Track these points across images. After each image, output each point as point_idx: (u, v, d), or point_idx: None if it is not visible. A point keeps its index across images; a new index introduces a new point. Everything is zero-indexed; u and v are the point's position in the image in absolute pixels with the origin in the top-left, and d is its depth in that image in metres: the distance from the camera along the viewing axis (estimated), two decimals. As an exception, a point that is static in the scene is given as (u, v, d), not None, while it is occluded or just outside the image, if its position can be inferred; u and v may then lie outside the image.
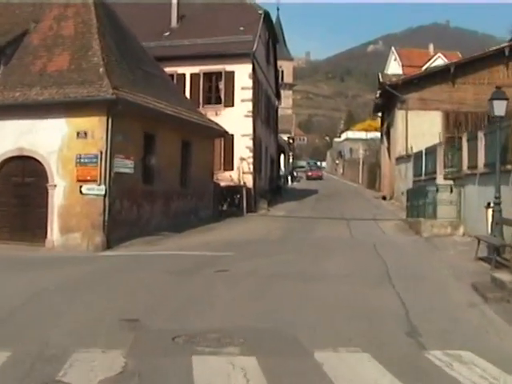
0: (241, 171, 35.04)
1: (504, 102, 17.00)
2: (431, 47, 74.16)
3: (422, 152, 30.57)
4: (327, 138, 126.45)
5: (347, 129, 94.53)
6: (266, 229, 26.45)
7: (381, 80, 44.99)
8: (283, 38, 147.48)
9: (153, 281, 13.31)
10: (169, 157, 26.26)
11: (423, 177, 29.87)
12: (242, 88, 35.73)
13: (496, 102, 16.99)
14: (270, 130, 44.11)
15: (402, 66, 72.70)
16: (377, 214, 31.58)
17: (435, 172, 26.71)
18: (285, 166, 62.54)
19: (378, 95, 46.91)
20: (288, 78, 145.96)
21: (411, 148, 34.90)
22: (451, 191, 22.78)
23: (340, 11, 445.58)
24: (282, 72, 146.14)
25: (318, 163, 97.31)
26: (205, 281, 13.26)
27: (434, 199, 23.18)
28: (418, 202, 24.60)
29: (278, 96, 49.43)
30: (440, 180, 25.61)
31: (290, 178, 65.27)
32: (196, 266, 15.73)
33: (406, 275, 13.93)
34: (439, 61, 64.86)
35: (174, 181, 27.27)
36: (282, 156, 60.15)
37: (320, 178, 74.57)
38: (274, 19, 45.51)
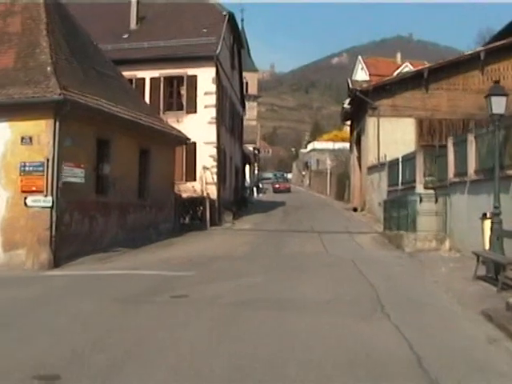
0: (204, 181, 32.57)
1: (503, 99, 14.80)
2: (399, 56, 72.63)
3: (398, 160, 28.42)
4: (293, 150, 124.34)
5: (313, 139, 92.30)
6: (232, 244, 24.02)
7: (350, 86, 42.94)
8: (248, 49, 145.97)
9: (94, 312, 10.74)
10: (125, 165, 23.86)
11: (400, 186, 27.70)
12: (206, 93, 33.33)
13: (494, 99, 14.78)
14: (234, 138, 41.72)
15: (369, 75, 70.89)
16: (350, 227, 29.30)
17: (414, 181, 24.54)
18: (250, 177, 60.14)
19: (347, 103, 44.88)
20: (253, 90, 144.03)
21: (385, 156, 32.78)
22: (436, 201, 20.57)
23: (304, 23, 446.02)
24: (247, 83, 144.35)
25: (286, 175, 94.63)
26: (157, 312, 10.74)
27: (415, 210, 20.92)
28: (398, 213, 22.34)
29: (243, 104, 47.06)
30: (420, 189, 23.46)
31: (255, 189, 63.01)
32: (150, 289, 13.29)
33: (399, 301, 11.58)
34: (407, 70, 63.14)
35: (131, 191, 24.87)
36: (248, 167, 57.79)
37: (288, 190, 70.81)
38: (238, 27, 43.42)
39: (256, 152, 73.99)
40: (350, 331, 9.17)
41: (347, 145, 57.78)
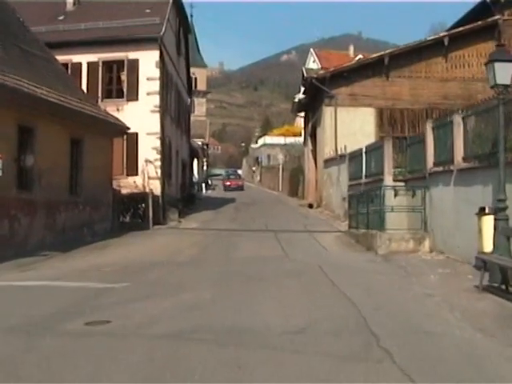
0: (146, 176, 29.11)
1: (510, 65, 11.86)
2: (351, 49, 70.00)
3: (361, 151, 25.43)
4: (243, 145, 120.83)
5: (264, 134, 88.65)
6: (176, 246, 20.66)
7: (305, 75, 39.89)
8: (197, 45, 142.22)
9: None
10: (53, 157, 20.59)
11: (364, 179, 24.71)
12: (148, 79, 29.81)
13: (499, 65, 11.87)
14: (181, 130, 38.24)
15: (321, 68, 67.98)
16: (308, 225, 26.19)
17: (382, 173, 21.58)
18: (199, 173, 56.68)
19: (301, 93, 41.86)
20: (201, 86, 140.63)
21: (344, 147, 29.80)
22: (413, 195, 17.55)
23: (253, 21, 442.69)
24: (196, 79, 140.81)
25: (238, 171, 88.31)
26: (60, 352, 7.38)
27: (389, 206, 17.85)
28: (367, 209, 19.22)
29: (191, 94, 43.48)
30: (388, 182, 20.53)
31: (204, 185, 59.55)
32: (65, 310, 10.00)
33: (396, 328, 8.37)
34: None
35: (61, 187, 21.57)
36: (196, 162, 54.32)
37: (241, 188, 62.84)
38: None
39: (205, 147, 70.48)
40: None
41: (300, 139, 54.80)
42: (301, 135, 57.28)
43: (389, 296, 10.96)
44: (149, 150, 29.51)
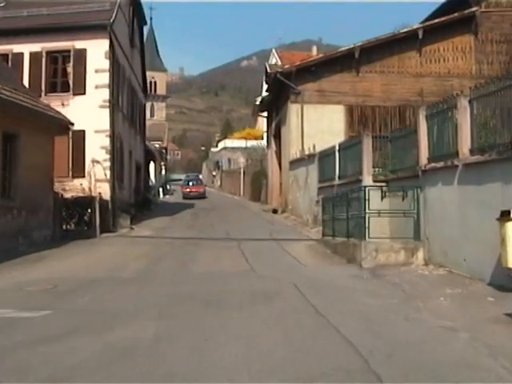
0: (93, 178, 25.82)
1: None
2: (314, 49, 67.09)
3: (333, 149, 22.53)
4: (203, 148, 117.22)
5: (224, 137, 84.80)
6: (123, 258, 17.41)
7: (269, 71, 36.96)
8: (156, 49, 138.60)
9: None
10: (-20, 154, 17.24)
11: (337, 181, 21.83)
12: (97, 71, 26.49)
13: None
14: (135, 130, 34.92)
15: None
16: (275, 232, 23.13)
17: (360, 173, 18.72)
18: (156, 177, 53.26)
19: (262, 94, 38.94)
20: (161, 90, 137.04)
21: (313, 147, 26.91)
22: (405, 196, 14.58)
23: (213, 27, 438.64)
24: (155, 83, 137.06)
25: (201, 176, 79.13)
26: None
27: (375, 210, 14.84)
28: (347, 214, 16.22)
29: (146, 91, 40.11)
30: (368, 182, 17.62)
31: (161, 190, 56.14)
32: None
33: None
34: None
35: (-10, 189, 18.26)
36: (153, 166, 50.91)
37: (202, 195, 52.99)
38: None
39: (163, 151, 67.01)
40: None
41: (262, 142, 51.86)
42: (263, 139, 54.29)
43: (398, 333, 7.90)
44: (97, 149, 26.21)
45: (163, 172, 68.33)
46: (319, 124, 30.58)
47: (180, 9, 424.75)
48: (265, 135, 51.32)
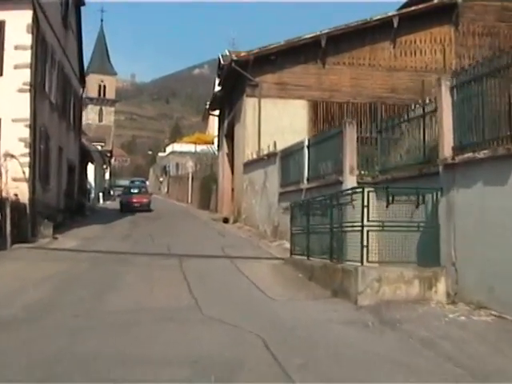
0: (5, 176, 20.71)
1: None
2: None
3: (302, 144, 17.98)
4: (150, 153, 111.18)
5: (173, 141, 78.95)
6: (23, 281, 12.34)
7: (222, 62, 32.34)
8: (107, 52, 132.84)
9: None
10: None
11: (306, 184, 17.33)
12: (16, 47, 21.30)
13: None
14: (68, 125, 29.65)
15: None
16: (227, 247, 18.30)
17: (339, 172, 14.21)
18: (96, 181, 47.83)
19: (216, 84, 34.24)
20: (110, 94, 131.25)
21: (274, 144, 22.30)
22: (419, 203, 9.94)
23: (166, 34, 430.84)
24: (105, 87, 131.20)
25: (147, 183, 68.94)
26: None
27: (367, 221, 10.21)
28: (329, 226, 11.55)
29: (83, 82, 34.74)
30: (351, 184, 13.14)
31: (101, 195, 50.56)
32: None
33: None
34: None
35: None
36: (93, 168, 45.51)
37: (146, 206, 39.07)
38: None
39: (107, 154, 61.50)
40: None
41: (213, 147, 46.97)
42: (213, 143, 49.46)
43: None
44: (14, 141, 21.05)
45: (107, 176, 62.90)
46: (279, 121, 26.10)
47: (133, 15, 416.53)
48: (216, 140, 46.53)
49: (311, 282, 11.58)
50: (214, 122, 58.33)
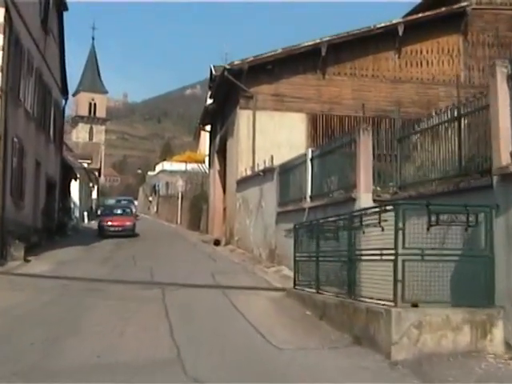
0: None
1: None
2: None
3: (304, 158, 15.72)
4: (139, 171, 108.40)
5: (164, 160, 76.16)
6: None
7: (214, 73, 30.16)
8: (98, 71, 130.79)
9: None
10: None
11: (309, 202, 15.04)
12: (-15, 46, 19.24)
13: None
14: (47, 138, 27.26)
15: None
16: (218, 273, 15.92)
17: (351, 188, 11.96)
18: (81, 200, 45.29)
19: (208, 98, 32.01)
20: (101, 113, 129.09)
21: (271, 159, 20.04)
22: (469, 225, 7.62)
23: (158, 54, 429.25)
24: (95, 105, 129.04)
25: (134, 202, 61.88)
26: None
27: (402, 248, 7.87)
28: (350, 253, 9.16)
29: (66, 93, 32.26)
30: (365, 202, 10.89)
31: (86, 214, 47.92)
32: None
33: None
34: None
35: None
36: (78, 187, 42.97)
37: (131, 231, 31.55)
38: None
39: (94, 173, 58.86)
40: None
41: (204, 166, 44.64)
42: (204, 162, 47.11)
43: None
44: (-22, 151, 18.82)
45: (94, 195, 60.33)
46: (275, 135, 23.95)
47: (125, 34, 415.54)
48: (207, 159, 44.23)
49: (323, 321, 9.23)
50: (205, 140, 55.72)
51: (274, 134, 24.09)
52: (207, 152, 42.39)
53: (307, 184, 15.15)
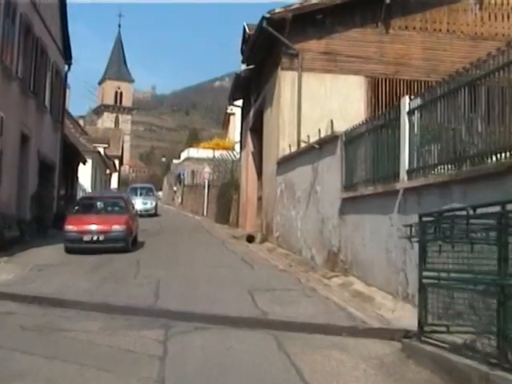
0: None
1: None
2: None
3: (397, 113, 9.89)
4: (163, 160, 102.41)
5: (190, 146, 69.38)
6: None
7: (248, 31, 24.28)
8: (124, 58, 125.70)
9: None
10: None
11: (405, 180, 9.22)
12: None
13: None
14: (40, 108, 21.11)
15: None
16: (258, 290, 10.24)
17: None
18: (94, 188, 39.28)
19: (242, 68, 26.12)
20: (127, 102, 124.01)
21: (331, 124, 14.25)
22: None
23: (186, 48, 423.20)
24: (121, 94, 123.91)
25: (155, 192, 51.42)
26: None
27: None
28: None
29: (69, 58, 26.06)
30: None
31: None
32: None
33: None
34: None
35: None
36: (90, 171, 36.90)
37: (122, 241, 16.93)
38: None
39: (116, 161, 52.83)
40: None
41: (234, 153, 38.55)
42: (234, 150, 41.11)
43: None
44: None
45: (114, 184, 54.60)
46: (326, 103, 18.27)
47: (154, 28, 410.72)
48: (237, 146, 38.36)
49: None
50: (234, 128, 50.08)
51: (326, 101, 18.43)
52: (237, 139, 36.58)
53: (403, 152, 9.33)
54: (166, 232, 24.70)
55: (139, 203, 34.10)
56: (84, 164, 32.68)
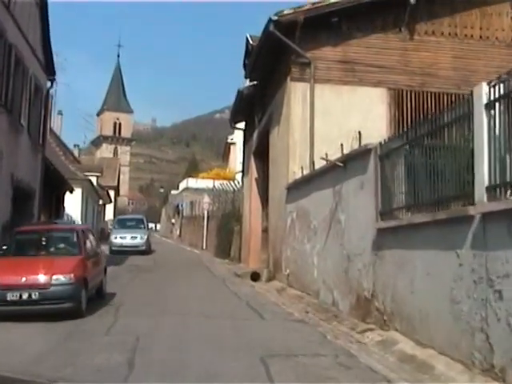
0: None
1: None
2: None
3: (466, 108, 7.08)
4: (162, 190, 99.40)
5: (189, 176, 66.00)
6: None
7: (251, 42, 21.59)
8: (123, 89, 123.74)
9: None
10: None
11: (485, 201, 6.35)
12: None
13: None
14: (14, 125, 17.59)
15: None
16: (273, 355, 7.39)
17: None
18: (83, 218, 36.40)
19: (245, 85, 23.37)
20: (126, 133, 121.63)
21: (358, 137, 11.50)
22: None
23: (187, 82, 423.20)
24: (120, 125, 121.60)
25: (152, 225, 48.07)
26: None
27: None
28: None
29: (52, 74, 23.16)
30: None
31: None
32: None
33: None
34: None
35: None
36: (79, 201, 33.99)
37: (68, 298, 10.62)
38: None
39: (110, 191, 49.98)
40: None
41: (235, 182, 35.66)
42: (234, 180, 38.25)
43: None
44: None
45: (109, 215, 51.76)
46: (344, 120, 15.62)
47: (154, 61, 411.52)
48: (238, 176, 35.55)
49: None
50: (234, 159, 47.48)
51: (343, 117, 15.84)
52: (238, 169, 33.73)
53: (481, 161, 6.53)
54: (158, 269, 21.73)
55: (128, 238, 30.93)
56: (71, 192, 29.78)
